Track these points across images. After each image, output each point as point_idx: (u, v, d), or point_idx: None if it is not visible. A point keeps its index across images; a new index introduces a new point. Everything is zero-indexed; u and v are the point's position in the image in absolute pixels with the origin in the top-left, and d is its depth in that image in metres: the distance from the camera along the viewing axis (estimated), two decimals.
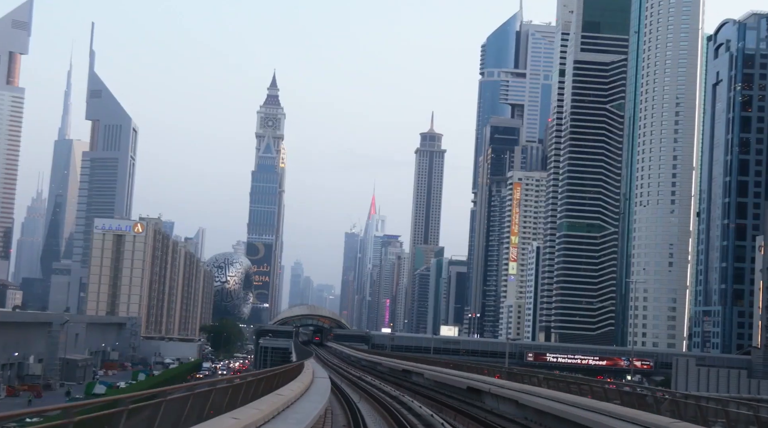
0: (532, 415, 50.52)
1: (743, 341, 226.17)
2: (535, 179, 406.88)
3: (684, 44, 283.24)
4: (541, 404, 48.16)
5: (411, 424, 41.35)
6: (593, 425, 38.35)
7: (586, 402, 42.27)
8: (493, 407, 57.46)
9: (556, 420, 45.32)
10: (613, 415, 37.25)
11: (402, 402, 52.76)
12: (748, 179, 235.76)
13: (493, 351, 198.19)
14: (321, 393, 35.25)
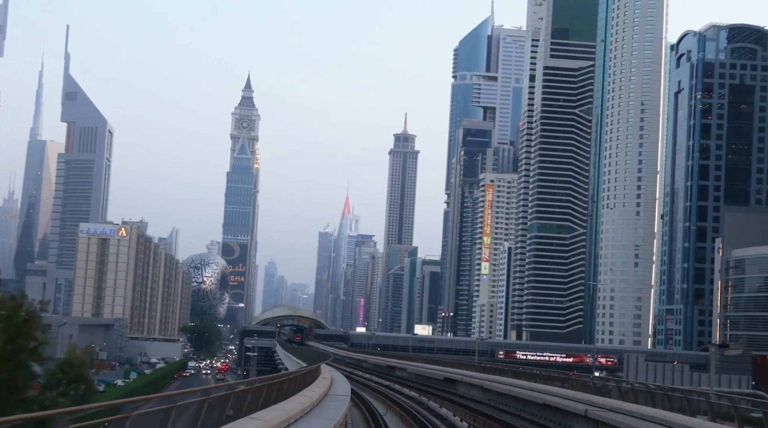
0: (494, 397, 67.43)
1: (704, 338, 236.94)
2: (507, 181, 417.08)
3: (648, 53, 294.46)
4: (500, 388, 64.84)
5: (405, 403, 52.46)
6: (530, 398, 56.78)
7: (532, 385, 59.35)
8: (465, 392, 70.75)
9: (510, 399, 62.73)
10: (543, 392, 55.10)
11: (394, 389, 62.65)
12: (708, 184, 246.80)
13: (466, 350, 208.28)
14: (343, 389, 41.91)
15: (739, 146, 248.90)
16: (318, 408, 30.12)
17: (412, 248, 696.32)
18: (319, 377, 38.61)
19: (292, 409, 24.72)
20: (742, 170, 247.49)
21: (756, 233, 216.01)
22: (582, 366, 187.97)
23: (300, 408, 26.53)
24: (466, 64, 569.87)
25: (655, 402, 39.56)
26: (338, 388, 40.93)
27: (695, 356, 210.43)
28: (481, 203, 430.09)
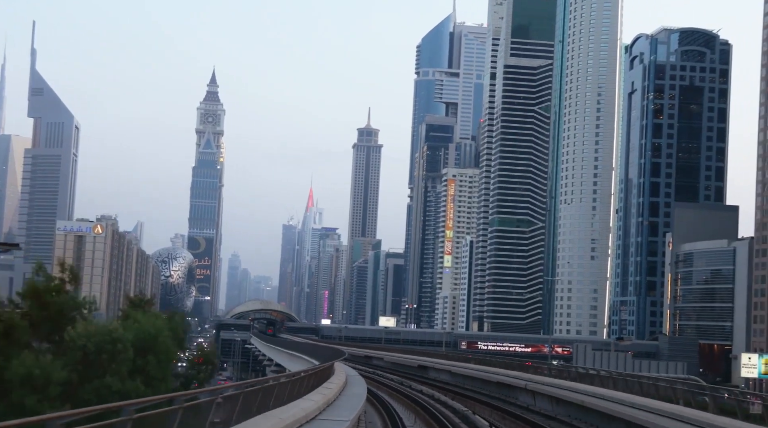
0: (460, 379, 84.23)
1: (655, 328, 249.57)
2: (469, 176, 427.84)
3: (604, 53, 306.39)
4: (464, 372, 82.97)
5: (389, 385, 62.88)
6: (487, 378, 76.00)
7: (489, 369, 79.56)
8: (436, 376, 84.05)
9: (471, 380, 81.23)
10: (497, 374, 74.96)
11: (377, 374, 73.14)
12: (660, 181, 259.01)
13: (431, 341, 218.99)
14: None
15: (688, 144, 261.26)
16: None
17: (376, 241, 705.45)
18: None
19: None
20: (692, 167, 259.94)
21: (704, 229, 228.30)
22: (539, 356, 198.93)
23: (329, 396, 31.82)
24: (428, 60, 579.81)
25: (574, 378, 58.58)
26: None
27: (646, 345, 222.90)
28: (443, 198, 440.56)
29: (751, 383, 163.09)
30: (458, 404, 59.82)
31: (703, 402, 39.59)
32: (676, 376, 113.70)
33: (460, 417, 50.95)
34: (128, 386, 25.57)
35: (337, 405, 30.27)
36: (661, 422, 37.26)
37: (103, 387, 25.86)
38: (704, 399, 39.68)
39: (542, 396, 60.65)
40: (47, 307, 27.71)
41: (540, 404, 60.45)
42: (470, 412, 53.81)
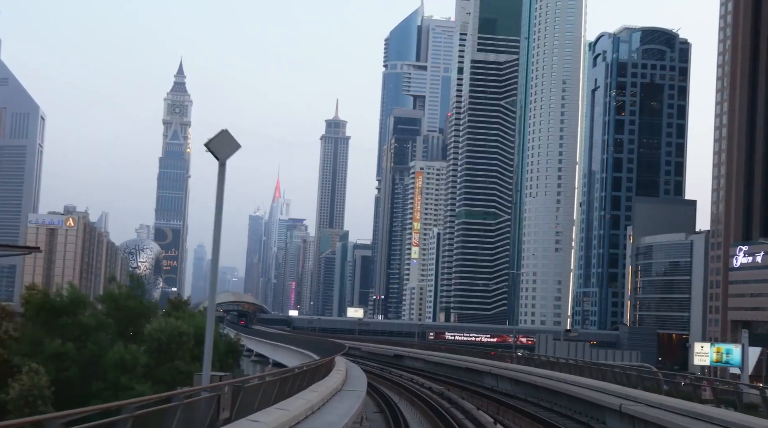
0: (433, 366, 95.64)
1: (617, 318, 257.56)
2: (436, 168, 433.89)
3: (568, 50, 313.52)
4: (436, 360, 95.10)
5: (371, 371, 69.54)
6: (456, 365, 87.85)
7: (457, 356, 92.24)
8: (411, 364, 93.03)
9: (443, 366, 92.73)
10: (465, 361, 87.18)
11: (358, 362, 79.11)
12: (622, 176, 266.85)
13: (399, 331, 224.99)
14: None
15: (649, 140, 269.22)
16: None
17: (344, 232, 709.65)
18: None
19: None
20: (652, 163, 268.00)
21: (663, 222, 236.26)
22: (504, 345, 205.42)
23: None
24: (396, 53, 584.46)
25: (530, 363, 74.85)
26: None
27: (607, 335, 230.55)
28: (411, 190, 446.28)
29: (706, 370, 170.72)
30: (435, 385, 70.39)
31: (653, 386, 47.03)
32: (630, 364, 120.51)
33: (437, 393, 62.35)
34: (192, 367, 31.59)
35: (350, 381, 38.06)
36: (597, 396, 48.15)
37: (174, 368, 31.99)
38: (656, 383, 46.51)
39: (503, 378, 74.06)
40: (122, 309, 33.57)
41: (502, 385, 73.57)
42: (446, 390, 65.43)
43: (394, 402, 52.45)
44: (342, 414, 26.30)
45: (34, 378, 27.22)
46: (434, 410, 47.46)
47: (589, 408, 49.32)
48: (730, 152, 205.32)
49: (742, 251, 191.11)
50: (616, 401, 43.27)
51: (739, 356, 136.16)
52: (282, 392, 23.88)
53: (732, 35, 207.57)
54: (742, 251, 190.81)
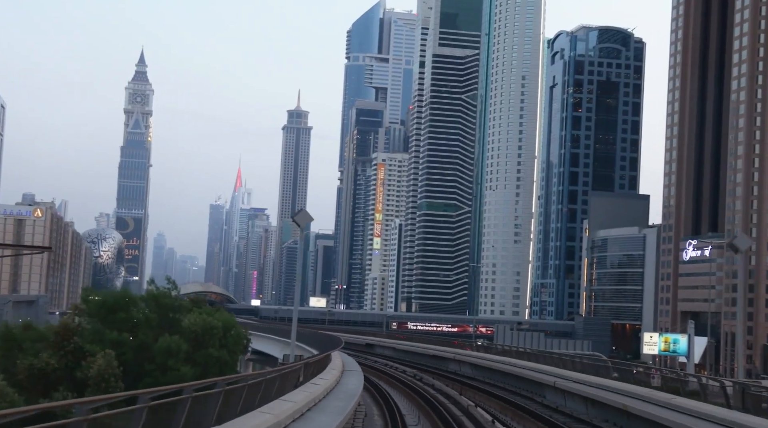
0: (401, 354, 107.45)
1: (573, 309, 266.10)
2: (398, 160, 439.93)
3: (528, 47, 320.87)
4: (406, 348, 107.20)
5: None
6: (424, 352, 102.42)
7: (421, 345, 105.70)
8: (381, 352, 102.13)
9: (412, 354, 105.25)
10: (431, 349, 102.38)
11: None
12: (578, 170, 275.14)
13: (364, 321, 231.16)
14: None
15: (605, 136, 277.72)
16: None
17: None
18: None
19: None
20: (608, 158, 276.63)
21: (618, 216, 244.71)
22: (465, 335, 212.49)
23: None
24: (358, 45, 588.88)
25: (488, 351, 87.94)
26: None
27: (563, 325, 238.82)
28: (373, 181, 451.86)
29: (657, 359, 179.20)
30: (408, 369, 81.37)
31: (582, 368, 59.25)
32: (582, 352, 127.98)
33: (411, 376, 73.16)
34: (221, 353, 39.09)
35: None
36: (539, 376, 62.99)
37: (207, 354, 39.74)
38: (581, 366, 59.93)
39: (465, 363, 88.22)
40: (161, 306, 40.25)
41: (464, 369, 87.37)
42: (418, 373, 77.62)
43: (380, 385, 59.69)
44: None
45: (108, 360, 34.62)
46: (411, 388, 60.79)
47: (533, 386, 65.22)
48: (680, 150, 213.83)
49: (691, 245, 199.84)
50: (552, 379, 58.99)
51: (686, 345, 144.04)
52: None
53: (683, 36, 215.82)
54: (691, 245, 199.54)
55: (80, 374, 35.63)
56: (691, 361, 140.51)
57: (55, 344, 37.62)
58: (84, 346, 37.26)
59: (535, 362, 70.58)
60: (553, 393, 59.28)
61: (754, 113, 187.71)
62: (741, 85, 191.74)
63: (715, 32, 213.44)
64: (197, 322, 41.80)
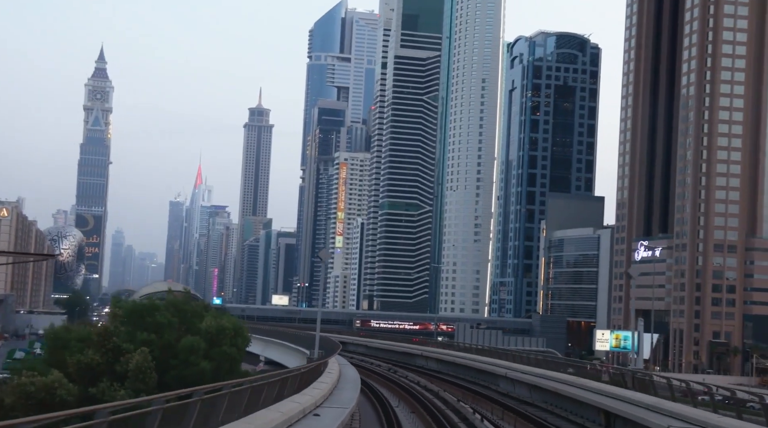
0: (373, 351, 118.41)
1: (531, 307, 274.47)
2: (360, 160, 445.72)
3: (488, 51, 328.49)
4: (377, 345, 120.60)
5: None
6: (392, 349, 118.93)
7: (390, 343, 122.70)
8: (354, 349, 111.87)
9: (384, 351, 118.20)
10: (400, 346, 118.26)
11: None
12: (536, 172, 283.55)
13: (327, 319, 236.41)
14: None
15: (562, 139, 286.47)
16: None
17: (267, 220, 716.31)
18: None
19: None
20: (565, 160, 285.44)
21: (574, 217, 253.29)
22: (426, 333, 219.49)
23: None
24: (320, 44, 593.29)
25: (451, 348, 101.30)
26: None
27: (521, 322, 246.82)
28: (335, 180, 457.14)
29: (609, 355, 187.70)
30: (383, 364, 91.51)
31: (529, 361, 73.18)
32: (537, 349, 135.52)
33: (385, 370, 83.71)
34: (231, 351, 45.90)
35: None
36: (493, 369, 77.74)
37: (221, 352, 46.62)
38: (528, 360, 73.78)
39: (431, 359, 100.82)
40: (180, 311, 46.86)
41: (430, 364, 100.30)
42: (392, 366, 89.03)
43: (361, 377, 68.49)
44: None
45: (144, 356, 41.45)
46: (390, 380, 72.45)
47: (490, 377, 79.99)
48: (633, 153, 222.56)
49: (643, 246, 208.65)
50: (504, 371, 74.36)
51: (635, 342, 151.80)
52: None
53: (636, 45, 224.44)
54: (643, 246, 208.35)
55: (119, 368, 41.99)
56: (640, 357, 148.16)
57: (97, 343, 43.91)
58: (121, 345, 43.57)
59: (491, 357, 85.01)
60: (505, 382, 74.62)
61: (701, 120, 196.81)
62: (690, 93, 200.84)
63: (667, 41, 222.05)
64: (213, 325, 48.40)
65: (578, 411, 53.36)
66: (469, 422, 48.55)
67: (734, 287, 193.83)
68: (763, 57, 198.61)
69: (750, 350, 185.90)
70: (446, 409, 54.08)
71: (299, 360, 79.61)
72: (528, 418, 51.40)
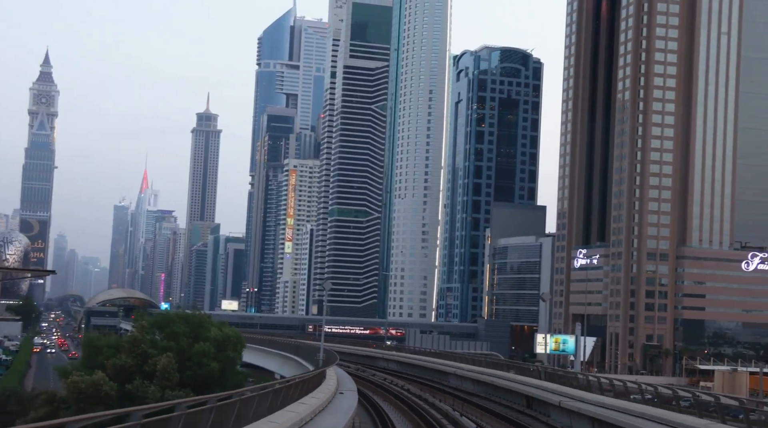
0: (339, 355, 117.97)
1: (476, 311, 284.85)
2: (309, 166, 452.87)
3: (434, 63, 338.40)
4: (341, 350, 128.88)
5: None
6: (358, 352, 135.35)
7: (352, 347, 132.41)
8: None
9: (347, 354, 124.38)
10: (364, 350, 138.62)
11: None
12: (481, 182, 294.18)
13: (281, 324, 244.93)
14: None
15: (506, 150, 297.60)
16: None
17: (215, 225, 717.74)
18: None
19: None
20: (509, 170, 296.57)
21: (517, 225, 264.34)
22: (377, 337, 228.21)
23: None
24: (269, 52, 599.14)
25: (407, 351, 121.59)
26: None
27: (467, 327, 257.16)
28: (285, 187, 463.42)
29: (554, 358, 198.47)
30: (351, 365, 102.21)
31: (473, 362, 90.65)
32: (482, 352, 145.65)
33: (353, 370, 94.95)
34: (234, 354, 54.89)
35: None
36: (443, 368, 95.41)
37: (226, 356, 55.45)
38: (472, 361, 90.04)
39: (392, 361, 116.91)
40: (190, 323, 55.40)
41: (391, 366, 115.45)
42: (360, 366, 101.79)
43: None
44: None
45: (169, 359, 49.92)
46: (361, 377, 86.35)
47: (442, 375, 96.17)
48: (573, 165, 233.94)
49: (581, 254, 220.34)
50: (453, 370, 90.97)
51: (573, 345, 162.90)
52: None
53: (575, 61, 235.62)
54: (582, 254, 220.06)
55: (147, 368, 50.22)
56: (578, 359, 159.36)
57: (128, 349, 52.17)
58: (148, 350, 51.88)
59: (443, 359, 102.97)
60: (454, 379, 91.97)
61: (635, 135, 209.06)
62: (625, 108, 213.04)
63: (604, 57, 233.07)
64: (219, 333, 57.03)
65: (509, 398, 71.26)
66: (429, 402, 66.96)
67: (666, 293, 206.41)
68: (692, 76, 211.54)
69: (680, 352, 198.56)
70: (412, 397, 71.50)
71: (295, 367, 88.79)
72: (471, 403, 67.75)
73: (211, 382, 52.55)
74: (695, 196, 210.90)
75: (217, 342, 55.12)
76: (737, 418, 37.75)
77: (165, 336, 54.19)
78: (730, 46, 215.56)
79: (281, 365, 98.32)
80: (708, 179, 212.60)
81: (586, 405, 50.60)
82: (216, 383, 52.95)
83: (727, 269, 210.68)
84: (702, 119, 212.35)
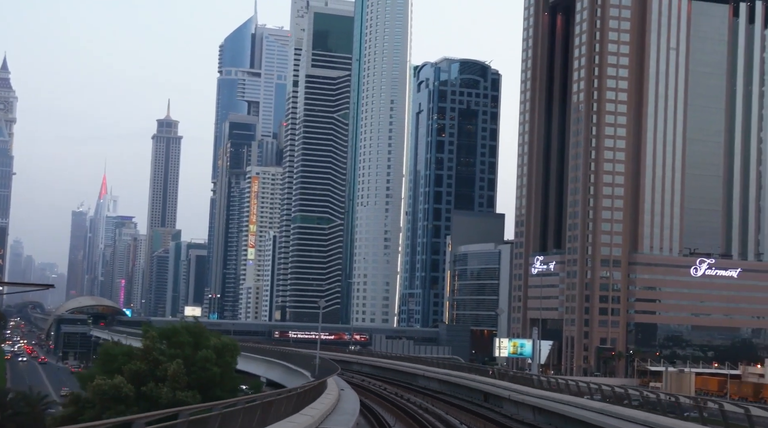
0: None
1: (438, 317, 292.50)
2: (272, 173, 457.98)
3: (396, 74, 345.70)
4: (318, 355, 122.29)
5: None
6: (333, 357, 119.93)
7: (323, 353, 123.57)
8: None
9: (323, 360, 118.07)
10: (340, 355, 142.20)
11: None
12: (442, 190, 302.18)
13: (247, 330, 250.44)
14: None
15: (466, 159, 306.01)
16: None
17: (176, 231, 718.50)
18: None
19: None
20: (468, 179, 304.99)
21: (477, 233, 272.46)
22: (342, 342, 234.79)
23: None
24: (231, 59, 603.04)
25: (378, 356, 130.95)
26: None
27: (428, 331, 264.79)
28: (247, 194, 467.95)
29: (513, 361, 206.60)
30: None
31: (438, 364, 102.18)
32: (444, 356, 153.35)
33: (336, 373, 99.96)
34: (232, 360, 61.69)
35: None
36: (412, 370, 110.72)
37: (224, 361, 62.05)
38: (436, 364, 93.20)
39: (365, 365, 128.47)
40: (192, 334, 61.91)
41: (365, 369, 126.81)
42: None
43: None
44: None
45: (179, 365, 56.39)
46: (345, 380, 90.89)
47: (410, 377, 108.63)
48: (530, 174, 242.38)
49: (538, 260, 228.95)
50: (421, 372, 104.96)
51: (530, 349, 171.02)
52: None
53: (531, 73, 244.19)
54: (539, 260, 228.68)
55: (159, 373, 56.67)
56: (535, 362, 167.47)
57: (141, 356, 58.53)
58: (158, 357, 58.31)
59: (411, 362, 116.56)
60: (422, 380, 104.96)
61: (589, 146, 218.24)
62: (579, 119, 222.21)
63: (559, 68, 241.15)
64: (218, 342, 63.70)
65: (469, 394, 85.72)
66: (404, 398, 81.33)
67: (619, 297, 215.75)
68: (643, 89, 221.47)
69: (633, 354, 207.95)
70: (390, 395, 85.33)
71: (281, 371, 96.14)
72: (439, 399, 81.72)
73: (213, 384, 59.27)
74: (646, 204, 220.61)
75: (216, 349, 61.55)
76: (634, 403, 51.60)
77: (171, 345, 60.52)
78: (679, 61, 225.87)
79: (267, 369, 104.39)
80: (658, 189, 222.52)
81: (529, 398, 66.18)
82: (217, 385, 59.71)
83: (676, 275, 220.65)
84: (652, 131, 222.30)
